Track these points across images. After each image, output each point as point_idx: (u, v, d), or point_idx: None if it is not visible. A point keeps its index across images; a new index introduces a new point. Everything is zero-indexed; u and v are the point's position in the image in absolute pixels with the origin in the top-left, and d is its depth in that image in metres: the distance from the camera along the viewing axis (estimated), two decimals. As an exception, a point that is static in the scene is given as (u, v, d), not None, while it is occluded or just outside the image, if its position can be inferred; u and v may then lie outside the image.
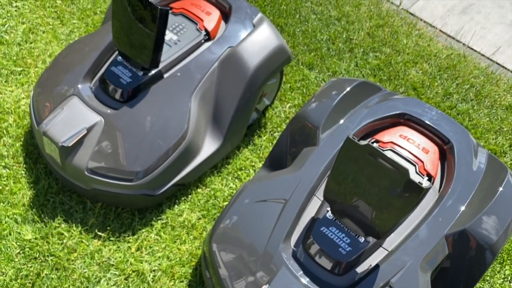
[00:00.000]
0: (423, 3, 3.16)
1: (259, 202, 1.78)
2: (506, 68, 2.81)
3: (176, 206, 2.15)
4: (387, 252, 1.66)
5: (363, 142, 1.45)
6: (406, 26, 2.96)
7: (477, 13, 3.12)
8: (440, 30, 3.00)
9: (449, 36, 2.97)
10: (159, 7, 1.82)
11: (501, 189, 1.73)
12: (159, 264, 1.97)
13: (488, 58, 2.86)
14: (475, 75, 2.74)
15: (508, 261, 2.05)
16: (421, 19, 3.06)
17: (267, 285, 1.59)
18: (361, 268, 1.64)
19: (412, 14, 3.08)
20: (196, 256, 2.01)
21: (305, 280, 1.61)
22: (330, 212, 1.70)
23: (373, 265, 1.63)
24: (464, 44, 2.93)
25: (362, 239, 1.64)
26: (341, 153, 1.53)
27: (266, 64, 2.14)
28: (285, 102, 2.55)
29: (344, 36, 2.85)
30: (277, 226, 1.70)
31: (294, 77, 2.64)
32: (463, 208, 1.72)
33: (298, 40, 2.81)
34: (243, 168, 2.29)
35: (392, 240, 1.69)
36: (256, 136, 2.40)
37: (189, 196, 2.18)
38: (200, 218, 2.12)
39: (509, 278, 2.02)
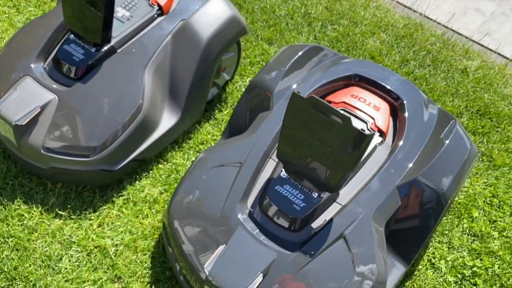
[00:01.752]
0: (380, -23, 3.20)
1: (216, 168, 1.79)
2: (461, 34, 2.87)
3: (137, 182, 2.14)
4: (341, 206, 1.68)
5: (307, 96, 1.47)
6: (363, -1, 3.00)
7: (433, -16, 3.17)
8: (397, 2, 3.04)
9: (406, 6, 3.02)
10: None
11: (448, 140, 1.78)
12: (122, 239, 1.97)
13: (444, 26, 2.91)
14: (431, 42, 2.79)
15: (466, 215, 2.10)
16: (378, -8, 3.10)
17: (224, 245, 1.61)
18: (316, 223, 1.66)
19: (369, -12, 3.12)
20: (159, 229, 2.02)
21: (261, 237, 1.62)
22: (284, 171, 1.71)
23: (327, 219, 1.66)
24: (420, 13, 2.98)
25: (315, 195, 1.66)
26: (288, 110, 1.54)
27: (220, 35, 2.15)
28: (245, 76, 2.56)
29: (302, 10, 2.88)
30: (233, 189, 1.71)
31: (254, 52, 2.66)
32: (414, 159, 1.75)
33: (257, 16, 2.83)
34: (204, 142, 2.30)
35: (346, 195, 1.71)
36: (217, 111, 2.41)
37: (150, 171, 2.18)
38: (162, 193, 2.13)
39: (467, 231, 2.06)
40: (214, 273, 1.55)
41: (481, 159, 2.30)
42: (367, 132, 1.41)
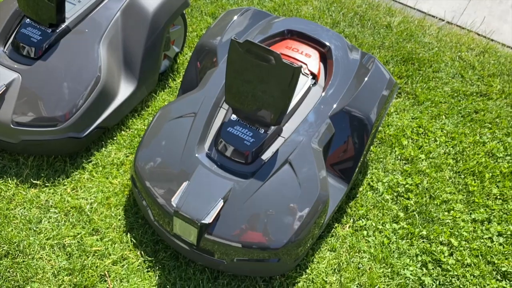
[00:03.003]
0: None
1: (173, 120, 2.02)
2: (384, -5, 3.22)
3: (103, 148, 2.34)
4: (284, 139, 1.95)
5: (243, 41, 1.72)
6: (295, -28, 3.29)
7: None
8: (326, -28, 3.35)
9: (334, -24, 3.33)
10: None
11: (369, 74, 2.08)
12: (95, 197, 2.17)
13: (368, -10, 3.24)
14: (358, 5, 3.11)
15: (397, 144, 2.42)
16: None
17: (188, 181, 1.84)
18: (265, 155, 1.92)
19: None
20: (128, 186, 2.22)
21: (220, 172, 1.86)
22: (233, 114, 1.96)
23: (274, 151, 1.92)
24: (347, -19, 3.30)
25: (262, 131, 1.92)
26: (229, 58, 1.79)
27: (164, 8, 2.37)
28: (194, 48, 2.78)
29: (240, -14, 3.14)
30: (190, 135, 1.95)
31: (200, 25, 2.90)
32: (342, 93, 2.04)
33: (199, -5, 3.07)
34: (162, 109, 2.52)
35: (289, 129, 1.98)
36: (170, 80, 2.63)
37: (115, 138, 2.38)
38: (127, 156, 2.33)
39: (399, 157, 2.38)
40: (180, 205, 1.78)
41: (407, 98, 2.63)
42: (295, 65, 1.67)
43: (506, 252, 2.07)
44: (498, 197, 2.26)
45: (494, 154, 2.41)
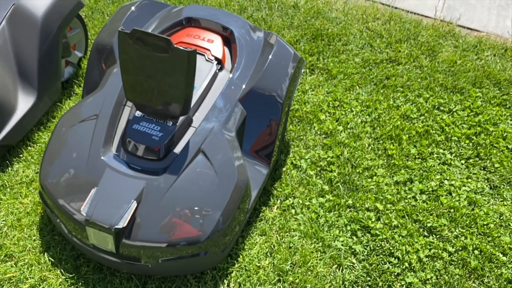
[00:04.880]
0: None
1: (74, 126, 1.90)
2: (287, -23, 3.22)
3: (10, 168, 2.17)
4: (195, 128, 1.88)
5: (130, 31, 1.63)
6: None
7: None
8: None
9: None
10: None
11: (272, 53, 2.05)
12: (4, 221, 2.00)
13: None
14: (263, -12, 3.10)
15: (315, 120, 2.42)
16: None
17: (96, 187, 1.73)
18: (177, 149, 1.84)
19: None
20: (41, 204, 2.08)
21: (130, 173, 1.77)
22: (138, 111, 1.87)
23: (186, 142, 1.85)
24: (250, -34, 3.28)
25: (170, 123, 1.84)
26: (120, 51, 1.69)
27: (55, 11, 2.23)
28: (98, 51, 2.66)
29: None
30: (94, 138, 1.83)
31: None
32: (249, 75, 2.00)
33: (99, -4, 2.93)
34: (70, 118, 2.38)
35: (198, 119, 1.92)
36: (76, 87, 2.49)
37: (21, 155, 2.22)
38: (37, 172, 2.18)
39: (318, 132, 2.38)
40: (91, 213, 1.67)
41: (320, 73, 2.64)
42: (188, 49, 1.61)
43: (429, 208, 2.12)
44: (417, 156, 2.31)
45: (408, 116, 2.46)
